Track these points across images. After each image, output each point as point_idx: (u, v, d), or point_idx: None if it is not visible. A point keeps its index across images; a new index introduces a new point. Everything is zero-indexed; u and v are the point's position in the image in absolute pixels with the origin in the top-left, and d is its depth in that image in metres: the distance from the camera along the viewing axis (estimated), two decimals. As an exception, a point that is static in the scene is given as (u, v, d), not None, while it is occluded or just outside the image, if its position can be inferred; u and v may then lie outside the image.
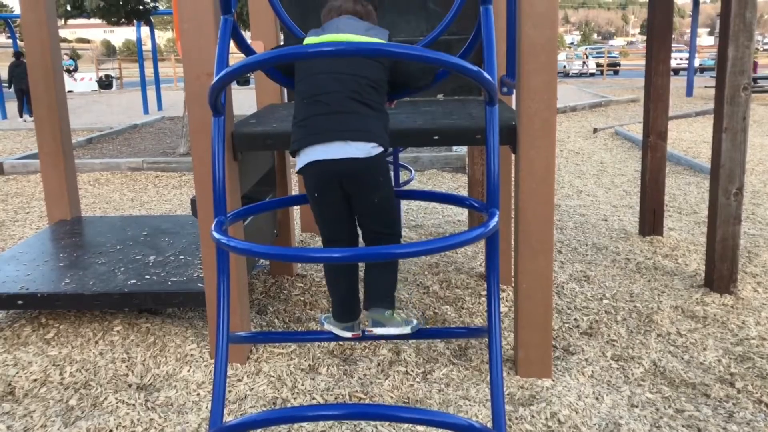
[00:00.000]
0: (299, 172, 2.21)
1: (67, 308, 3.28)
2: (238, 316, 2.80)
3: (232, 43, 2.10)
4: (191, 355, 2.96)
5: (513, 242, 3.07)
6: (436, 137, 2.70)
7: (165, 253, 3.51)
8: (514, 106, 3.03)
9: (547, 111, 2.55)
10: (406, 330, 2.18)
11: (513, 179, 3.06)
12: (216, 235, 1.76)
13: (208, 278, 2.79)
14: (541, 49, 2.50)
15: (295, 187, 5.87)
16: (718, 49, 3.55)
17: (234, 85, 2.75)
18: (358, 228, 2.33)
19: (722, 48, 3.49)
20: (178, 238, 3.78)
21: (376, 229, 2.27)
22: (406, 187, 6.14)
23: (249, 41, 3.64)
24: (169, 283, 3.08)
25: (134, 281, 3.13)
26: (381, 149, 2.16)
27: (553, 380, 2.70)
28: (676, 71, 29.12)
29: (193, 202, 2.83)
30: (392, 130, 2.71)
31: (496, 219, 1.82)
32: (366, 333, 2.21)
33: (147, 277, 3.17)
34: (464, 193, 6.25)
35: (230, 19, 2.04)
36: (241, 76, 1.86)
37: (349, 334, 2.26)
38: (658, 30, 4.50)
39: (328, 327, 2.31)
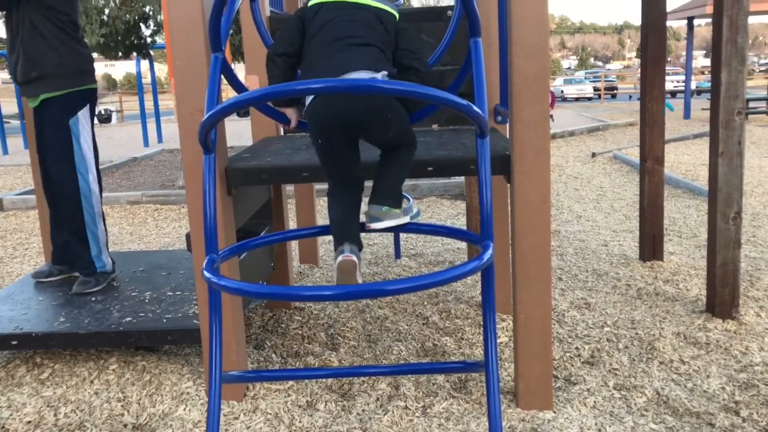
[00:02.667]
0: (306, 111, 2.19)
1: (62, 347, 3.25)
2: (235, 353, 2.77)
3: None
4: (187, 393, 2.92)
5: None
6: (430, 168, 2.70)
7: (161, 289, 3.49)
8: (508, 135, 3.03)
9: (541, 140, 2.54)
10: (405, 219, 2.21)
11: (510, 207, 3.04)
12: (207, 274, 1.75)
13: (203, 315, 2.77)
14: (532, 80, 2.50)
15: (292, 221, 5.87)
16: (711, 74, 3.56)
17: (234, 117, 2.76)
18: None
19: (715, 73, 3.50)
20: (175, 273, 3.76)
21: (392, 144, 2.29)
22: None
23: (244, 75, 3.66)
24: (164, 320, 3.05)
25: (130, 319, 3.10)
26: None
27: (555, 412, 2.65)
28: (673, 93, 29.30)
29: (188, 237, 2.82)
30: (386, 161, 2.72)
31: (490, 251, 1.80)
32: (365, 228, 2.23)
33: (142, 314, 3.15)
34: (463, 220, 6.24)
35: (220, 57, 2.05)
36: (231, 113, 1.86)
37: (341, 258, 2.20)
38: (652, 55, 4.52)
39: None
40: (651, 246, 4.66)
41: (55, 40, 3.38)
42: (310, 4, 2.35)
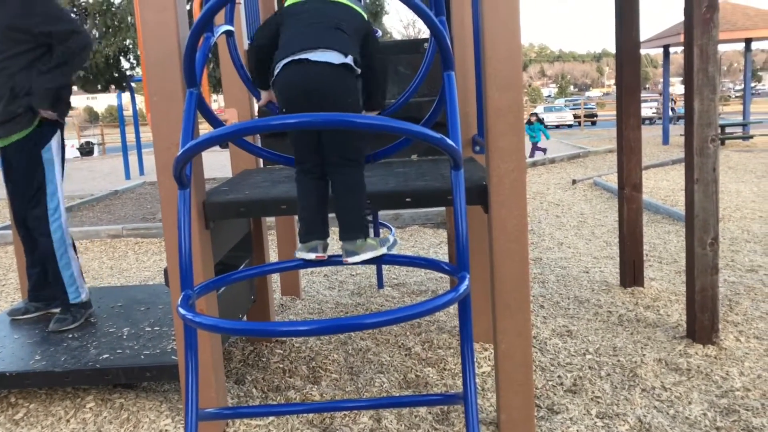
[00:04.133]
0: (273, 82, 2.33)
1: (38, 386, 3.19)
2: (214, 389, 2.73)
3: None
4: (165, 431, 2.87)
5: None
6: (408, 199, 2.71)
7: (139, 325, 3.45)
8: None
9: (517, 171, 2.56)
10: (382, 251, 2.29)
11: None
12: (181, 311, 1.73)
13: (180, 351, 2.73)
14: (507, 111, 2.53)
15: (273, 252, 5.84)
16: (684, 103, 3.62)
17: (216, 148, 2.78)
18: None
19: (688, 101, 3.56)
20: (154, 308, 3.72)
21: (340, 154, 2.34)
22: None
23: (221, 109, 3.67)
24: (142, 357, 3.01)
25: (107, 355, 3.06)
26: (354, 67, 2.28)
27: (538, 443, 2.64)
28: (652, 120, 29.75)
29: (166, 272, 2.79)
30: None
31: (466, 283, 1.80)
32: (344, 262, 2.32)
33: (120, 350, 3.10)
34: (446, 248, 6.25)
35: (195, 92, 2.06)
36: (206, 149, 1.86)
37: (312, 256, 2.32)
38: (628, 85, 4.59)
39: (297, 255, 2.35)
40: (631, 272, 4.68)
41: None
42: (286, 4, 2.51)
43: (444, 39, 1.98)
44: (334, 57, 2.24)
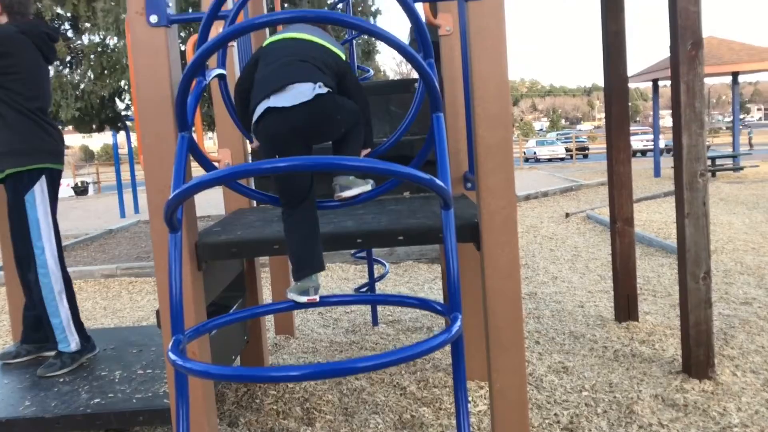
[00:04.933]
0: (254, 129, 2.41)
1: (28, 432, 3.14)
2: (206, 432, 2.70)
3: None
4: (157, 476, 2.83)
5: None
6: (400, 237, 2.71)
7: (131, 368, 3.41)
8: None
9: (508, 208, 2.58)
10: (368, 187, 2.50)
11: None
12: (172, 356, 1.72)
13: (172, 395, 2.70)
14: (496, 150, 2.55)
15: (267, 290, 5.82)
16: (673, 138, 3.66)
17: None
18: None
19: (676, 137, 3.61)
20: (146, 350, 3.68)
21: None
22: (379, 284, 6.14)
23: (215, 149, 3.69)
24: (134, 401, 2.97)
25: (98, 400, 3.02)
26: (327, 89, 2.34)
27: (535, 483, 2.60)
28: (644, 152, 29.98)
29: (158, 314, 2.78)
30: (357, 231, 2.74)
31: (458, 324, 1.80)
32: (336, 201, 2.48)
33: (111, 394, 3.06)
34: (440, 284, 6.23)
35: (187, 136, 2.07)
36: (197, 193, 1.86)
37: (304, 299, 2.35)
38: (616, 120, 4.65)
39: (289, 296, 2.38)
40: (626, 306, 4.68)
41: (16, 122, 3.37)
42: (264, 43, 2.59)
43: (432, 81, 2.01)
44: (305, 92, 2.30)
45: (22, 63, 3.38)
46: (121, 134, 16.75)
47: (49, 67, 3.69)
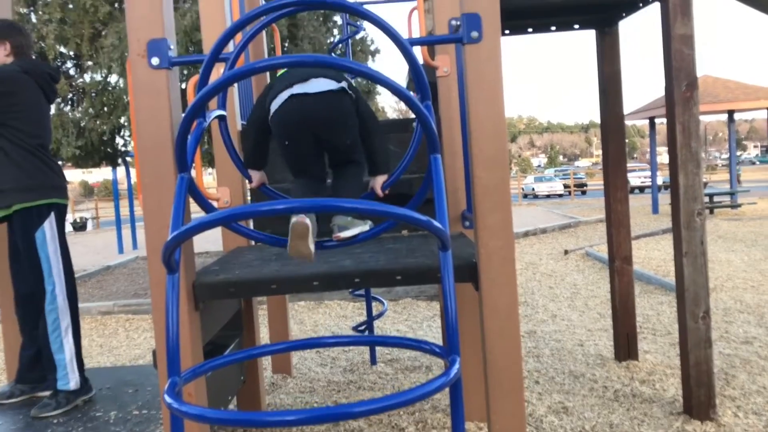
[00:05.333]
0: (271, 119, 2.48)
1: (21, 474, 3.09)
2: (201, 475, 2.66)
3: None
4: None
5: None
6: (398, 277, 2.71)
7: (127, 408, 3.37)
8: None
9: (506, 248, 2.58)
10: (366, 227, 2.51)
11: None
12: (168, 399, 1.70)
13: (168, 436, 2.67)
14: (494, 190, 2.57)
15: (264, 328, 5.78)
16: (670, 178, 3.69)
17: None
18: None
19: (673, 176, 3.63)
20: (142, 389, 3.64)
21: (344, 160, 2.61)
22: (378, 322, 6.10)
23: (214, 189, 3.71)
24: (129, 442, 2.93)
25: (92, 441, 2.98)
26: (351, 91, 2.48)
27: None
28: (642, 189, 30.11)
29: (155, 354, 2.76)
30: (355, 270, 2.73)
31: (456, 367, 1.79)
32: (333, 240, 2.48)
33: (106, 436, 3.03)
34: (439, 322, 6.20)
35: (186, 177, 2.08)
36: (196, 234, 1.87)
37: (294, 219, 2.34)
38: (613, 158, 4.68)
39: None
40: (625, 345, 4.65)
41: (20, 159, 3.40)
42: (278, 73, 2.65)
43: (429, 124, 2.03)
44: (329, 84, 2.42)
45: (24, 101, 3.43)
46: (121, 170, 16.82)
47: (51, 106, 3.73)
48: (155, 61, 2.59)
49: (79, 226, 26.62)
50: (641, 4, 3.96)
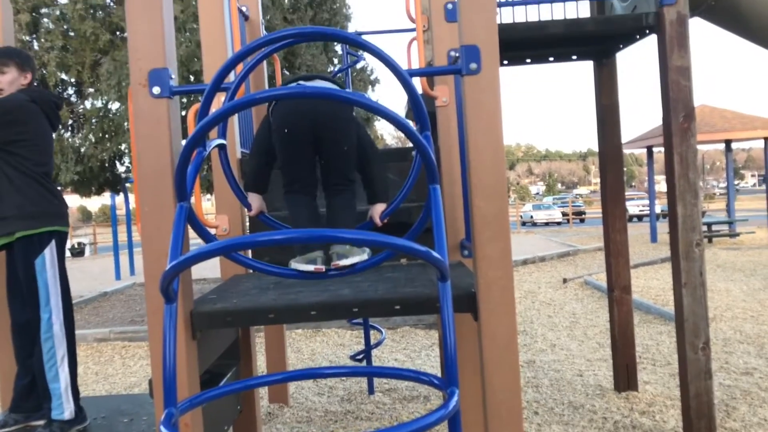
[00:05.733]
0: (272, 117, 2.57)
1: (12, 505, 3.04)
2: (196, 507, 2.62)
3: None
4: None
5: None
6: (397, 307, 2.70)
7: (122, 438, 3.33)
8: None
9: (505, 278, 2.57)
10: (364, 256, 2.52)
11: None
12: (164, 430, 1.68)
13: (163, 467, 2.63)
14: (492, 220, 2.57)
15: (261, 355, 5.74)
16: (668, 208, 3.69)
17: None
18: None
19: (671, 207, 3.64)
20: (137, 419, 3.60)
21: (338, 180, 2.68)
22: (376, 350, 6.06)
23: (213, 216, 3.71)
24: (123, 473, 2.89)
25: (86, 472, 2.94)
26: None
27: None
28: (640, 217, 30.15)
29: (151, 383, 2.73)
30: (354, 300, 2.72)
31: (455, 399, 1.77)
32: (333, 268, 2.46)
33: (99, 467, 2.99)
34: (437, 351, 6.16)
35: (185, 206, 2.08)
36: (195, 264, 1.86)
37: (311, 267, 2.43)
38: (612, 189, 4.70)
39: (294, 265, 2.45)
40: (625, 376, 4.62)
41: (24, 186, 3.42)
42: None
43: (428, 154, 2.04)
44: (334, 87, 2.56)
45: (32, 130, 3.46)
46: (120, 195, 16.84)
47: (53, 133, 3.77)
48: (156, 90, 2.60)
49: (77, 252, 26.54)
50: (638, 36, 4.01)
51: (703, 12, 4.56)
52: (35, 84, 3.72)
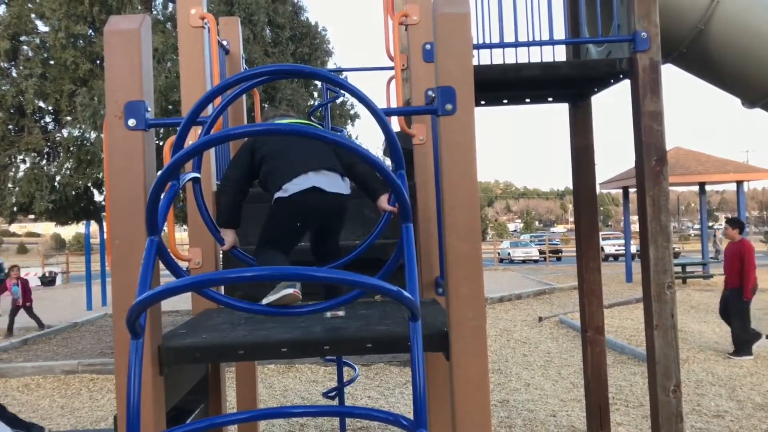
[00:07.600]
0: (285, 199, 2.64)
1: None
2: None
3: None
4: None
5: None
6: (369, 345, 2.67)
7: (83, 476, 3.24)
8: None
9: (477, 318, 2.56)
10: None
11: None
12: (123, 471, 1.64)
13: (124, 508, 2.55)
14: (466, 259, 2.57)
15: (231, 390, 5.64)
16: (640, 251, 3.73)
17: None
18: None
19: (643, 249, 3.67)
20: (101, 456, 3.52)
21: (328, 251, 2.91)
22: (349, 387, 5.99)
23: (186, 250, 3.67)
24: None
25: None
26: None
27: None
28: (616, 257, 30.40)
29: (116, 420, 2.67)
30: (325, 337, 2.69)
31: (424, 441, 1.75)
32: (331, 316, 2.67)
33: (59, 506, 2.90)
34: (410, 388, 6.10)
35: (156, 240, 2.06)
36: (162, 300, 1.84)
37: (290, 291, 2.50)
38: (586, 229, 4.74)
39: (268, 299, 2.51)
40: (598, 417, 4.60)
41: None
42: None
43: (402, 193, 2.04)
44: (343, 187, 2.72)
45: None
46: (94, 224, 16.64)
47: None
48: (132, 122, 2.59)
49: (48, 281, 26.09)
50: (612, 81, 4.09)
51: (675, 59, 4.67)
52: None
